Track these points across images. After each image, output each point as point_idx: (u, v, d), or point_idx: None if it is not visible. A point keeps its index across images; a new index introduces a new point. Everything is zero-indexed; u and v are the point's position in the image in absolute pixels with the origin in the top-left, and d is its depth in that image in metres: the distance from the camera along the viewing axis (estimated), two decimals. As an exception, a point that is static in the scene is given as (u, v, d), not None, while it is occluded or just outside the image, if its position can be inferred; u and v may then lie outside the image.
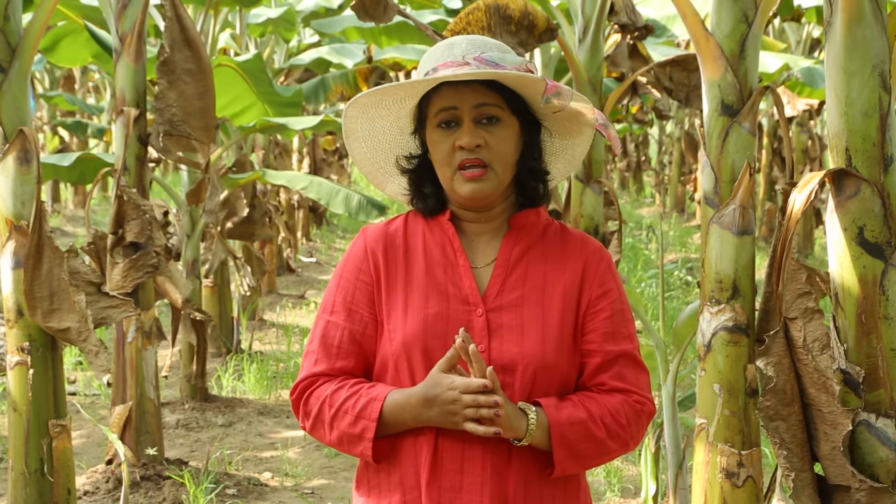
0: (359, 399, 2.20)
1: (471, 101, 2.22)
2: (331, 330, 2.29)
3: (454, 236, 2.30)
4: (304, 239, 14.89)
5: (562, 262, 2.30)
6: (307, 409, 2.26)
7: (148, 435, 5.60)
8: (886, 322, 2.69)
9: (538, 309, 2.25)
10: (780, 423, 2.75)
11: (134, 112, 5.33)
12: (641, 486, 5.09)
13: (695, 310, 4.15)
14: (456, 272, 2.27)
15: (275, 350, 9.05)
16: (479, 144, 2.21)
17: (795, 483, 2.74)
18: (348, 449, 2.23)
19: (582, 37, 5.52)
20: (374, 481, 2.29)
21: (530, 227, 2.33)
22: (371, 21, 4.91)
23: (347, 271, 2.31)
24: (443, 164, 2.25)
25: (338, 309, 2.29)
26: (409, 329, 2.22)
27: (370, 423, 2.17)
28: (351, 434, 2.20)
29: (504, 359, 2.21)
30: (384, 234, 2.32)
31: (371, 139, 2.37)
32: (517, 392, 2.21)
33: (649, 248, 15.07)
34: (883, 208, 2.66)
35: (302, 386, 2.28)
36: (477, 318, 2.23)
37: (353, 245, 2.34)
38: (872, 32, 2.64)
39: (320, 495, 5.70)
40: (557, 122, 2.34)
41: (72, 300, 4.14)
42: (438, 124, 2.24)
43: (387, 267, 2.28)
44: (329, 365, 2.27)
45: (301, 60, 9.81)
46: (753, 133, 3.14)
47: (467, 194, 2.24)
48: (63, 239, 14.39)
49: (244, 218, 8.37)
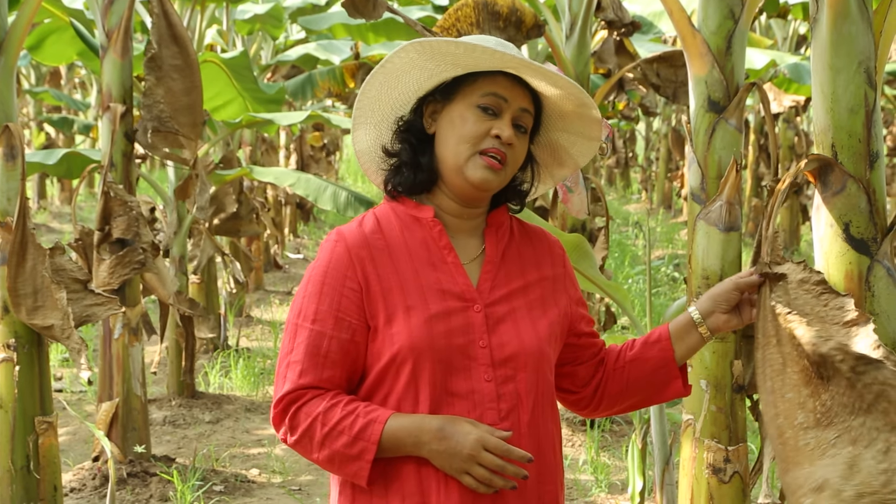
0: (356, 419, 2.12)
1: (520, 101, 2.25)
2: (316, 339, 2.19)
3: (441, 234, 2.28)
4: (291, 235, 14.87)
5: (535, 257, 2.36)
6: (294, 423, 2.16)
7: (135, 432, 5.58)
8: (872, 318, 2.70)
9: (525, 301, 2.28)
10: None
11: (120, 108, 5.31)
12: (628, 482, 5.09)
13: (681, 306, 4.16)
14: (446, 270, 2.25)
15: (262, 347, 9.04)
16: (512, 143, 2.23)
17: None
18: (338, 468, 2.16)
19: (569, 33, 5.53)
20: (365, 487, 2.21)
21: (505, 224, 2.37)
22: (361, 17, 4.91)
23: (331, 278, 2.22)
24: (464, 140, 2.23)
25: (322, 317, 2.20)
26: (415, 331, 2.17)
27: (370, 446, 2.11)
28: (346, 455, 2.13)
29: (505, 353, 2.21)
30: (365, 239, 2.25)
31: (391, 82, 2.32)
32: (522, 384, 2.22)
33: (636, 244, 15.09)
34: (868, 204, 2.67)
35: (288, 399, 2.17)
36: (475, 314, 2.22)
37: (331, 250, 2.24)
38: (858, 29, 2.65)
39: (307, 492, 5.69)
40: (541, 164, 2.42)
41: (55, 297, 4.13)
42: (479, 105, 2.23)
43: (377, 272, 2.22)
44: (316, 376, 2.18)
45: (288, 57, 9.80)
46: (740, 129, 3.15)
47: (478, 180, 2.23)
48: (49, 235, 14.36)
49: (231, 214, 8.36)
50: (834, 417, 2.29)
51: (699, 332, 2.38)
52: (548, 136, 2.39)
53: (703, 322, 2.37)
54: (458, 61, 2.25)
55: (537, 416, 2.24)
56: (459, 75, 2.27)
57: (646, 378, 2.40)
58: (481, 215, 2.33)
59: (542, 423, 2.25)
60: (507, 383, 2.20)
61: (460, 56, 2.23)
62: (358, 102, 2.35)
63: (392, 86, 2.32)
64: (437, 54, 2.24)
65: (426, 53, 2.24)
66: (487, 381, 2.19)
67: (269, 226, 10.35)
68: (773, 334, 2.35)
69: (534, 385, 2.23)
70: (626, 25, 5.89)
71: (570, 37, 5.51)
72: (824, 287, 2.39)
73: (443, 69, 2.27)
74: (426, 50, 2.24)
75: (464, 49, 2.21)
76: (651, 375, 2.40)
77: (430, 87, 2.31)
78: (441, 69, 2.27)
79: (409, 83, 2.31)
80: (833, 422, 2.29)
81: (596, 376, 2.41)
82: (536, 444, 2.23)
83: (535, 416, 2.23)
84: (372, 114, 2.36)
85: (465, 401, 2.17)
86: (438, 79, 2.29)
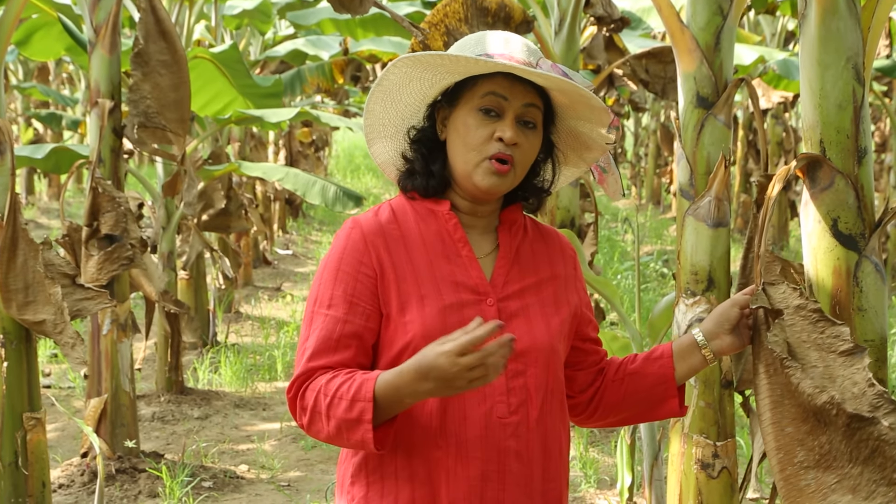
0: (353, 383, 2.10)
1: (521, 98, 2.22)
2: (330, 324, 2.19)
3: (456, 227, 2.28)
4: (280, 231, 14.86)
5: (548, 255, 2.36)
6: (304, 403, 2.15)
7: (123, 428, 5.58)
8: (860, 314, 2.71)
9: (538, 298, 2.29)
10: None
11: (109, 103, 5.30)
12: (617, 477, 5.11)
13: (670, 301, 4.17)
14: (461, 262, 2.26)
15: (251, 343, 9.03)
16: (517, 143, 2.21)
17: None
18: (347, 437, 2.12)
19: (558, 29, 5.53)
20: (378, 475, 2.21)
21: (518, 222, 2.36)
22: (347, 13, 4.90)
23: (346, 264, 2.23)
24: (471, 148, 2.22)
25: (337, 302, 2.21)
26: (428, 321, 2.18)
27: (366, 405, 2.06)
28: (348, 420, 2.08)
29: (517, 347, 2.18)
30: (381, 227, 2.26)
31: (393, 96, 2.32)
32: (532, 378, 2.22)
33: (625, 239, 15.11)
34: (857, 200, 2.67)
35: (298, 382, 2.18)
36: (488, 308, 2.23)
37: (347, 236, 2.26)
38: (846, 25, 2.65)
39: (297, 487, 5.69)
40: (563, 146, 2.38)
41: (47, 292, 4.12)
42: (480, 108, 2.22)
43: (392, 260, 2.23)
44: (328, 359, 2.17)
45: (277, 52, 9.78)
46: (728, 125, 3.16)
47: (486, 186, 2.23)
48: (37, 231, 14.31)
49: (220, 210, 8.34)
50: (833, 461, 2.29)
51: (702, 354, 2.36)
52: (566, 123, 2.35)
53: (706, 344, 2.36)
54: (450, 70, 2.25)
55: (545, 413, 2.24)
56: (460, 80, 2.27)
57: (643, 392, 2.39)
58: (494, 213, 2.33)
59: (549, 421, 2.25)
60: (518, 378, 2.21)
61: (449, 66, 2.23)
62: (365, 120, 2.35)
63: (396, 99, 2.32)
64: (430, 66, 2.24)
65: (419, 66, 2.25)
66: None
67: (256, 222, 10.33)
68: (771, 363, 2.35)
69: (543, 381, 2.24)
70: (615, 21, 5.90)
71: (560, 33, 5.51)
72: (820, 315, 2.40)
73: (440, 77, 2.27)
74: (418, 63, 2.24)
75: (450, 60, 2.21)
76: (649, 390, 2.39)
77: (435, 95, 2.31)
78: (438, 77, 2.27)
79: (413, 94, 2.31)
80: (832, 465, 2.29)
81: (594, 384, 2.41)
82: (543, 441, 2.24)
83: (543, 413, 2.24)
84: (383, 128, 2.36)
85: (475, 393, 2.16)
86: (440, 87, 2.29)
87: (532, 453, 2.22)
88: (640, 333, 4.59)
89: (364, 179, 24.30)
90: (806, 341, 2.36)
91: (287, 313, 10.24)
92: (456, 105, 2.26)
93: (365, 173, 25.44)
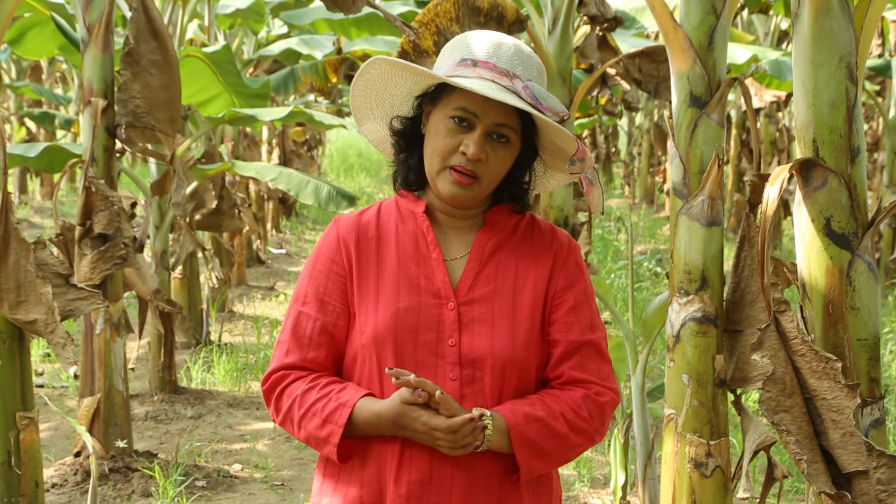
0: (328, 403, 2.19)
1: (493, 116, 2.21)
2: (303, 321, 2.28)
3: (429, 230, 2.29)
4: (273, 230, 14.84)
5: (533, 257, 2.32)
6: (278, 405, 2.26)
7: (116, 427, 5.57)
8: (853, 312, 2.71)
9: (509, 303, 2.26)
10: (784, 414, 2.75)
11: (102, 103, 5.29)
12: (611, 476, 5.11)
13: (664, 301, 4.17)
14: (428, 265, 2.27)
15: (244, 342, 9.02)
16: (480, 159, 2.21)
17: (809, 471, 2.73)
18: (315, 447, 2.24)
19: (551, 28, 5.52)
20: (334, 470, 2.28)
21: (504, 223, 2.34)
22: (340, 12, 4.90)
23: (320, 262, 2.30)
24: (437, 153, 2.23)
25: (310, 300, 2.28)
26: (379, 323, 2.21)
27: (336, 429, 2.17)
28: (318, 437, 2.20)
29: (474, 353, 2.21)
30: (357, 225, 2.31)
31: (378, 86, 2.33)
32: (487, 386, 2.21)
33: (619, 239, 15.11)
34: (850, 199, 2.68)
35: (274, 378, 2.27)
36: (448, 312, 2.23)
37: (325, 235, 2.33)
38: (839, 24, 2.66)
39: (290, 487, 5.69)
40: (549, 155, 2.37)
41: (38, 292, 4.11)
42: (453, 117, 2.22)
43: (359, 258, 2.28)
44: (301, 356, 2.26)
45: (270, 52, 9.77)
46: (722, 124, 3.16)
47: (447, 195, 2.24)
48: (30, 230, 14.29)
49: (213, 209, 8.34)
50: None
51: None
52: (546, 135, 2.32)
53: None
54: (425, 76, 2.25)
55: None
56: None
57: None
58: (477, 214, 2.33)
59: None
60: (473, 384, 2.21)
61: (420, 75, 2.25)
62: (352, 103, 2.37)
63: (381, 89, 2.33)
64: (407, 68, 2.25)
65: (397, 66, 2.26)
66: (452, 379, 2.20)
67: (249, 221, 10.32)
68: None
69: (499, 389, 2.22)
70: (608, 20, 5.89)
71: (553, 32, 5.50)
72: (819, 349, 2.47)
73: (420, 78, 2.28)
74: (395, 65, 2.25)
75: (421, 75, 2.23)
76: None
77: (421, 90, 2.31)
78: (419, 78, 2.28)
79: (398, 86, 2.32)
80: None
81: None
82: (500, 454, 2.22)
83: None
84: (371, 112, 2.37)
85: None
86: (423, 85, 2.30)
87: (484, 460, 2.20)
88: (633, 332, 4.60)
89: (358, 178, 24.30)
90: (811, 360, 2.47)
91: (280, 312, 10.23)
92: (436, 105, 2.26)
93: (358, 172, 25.44)
